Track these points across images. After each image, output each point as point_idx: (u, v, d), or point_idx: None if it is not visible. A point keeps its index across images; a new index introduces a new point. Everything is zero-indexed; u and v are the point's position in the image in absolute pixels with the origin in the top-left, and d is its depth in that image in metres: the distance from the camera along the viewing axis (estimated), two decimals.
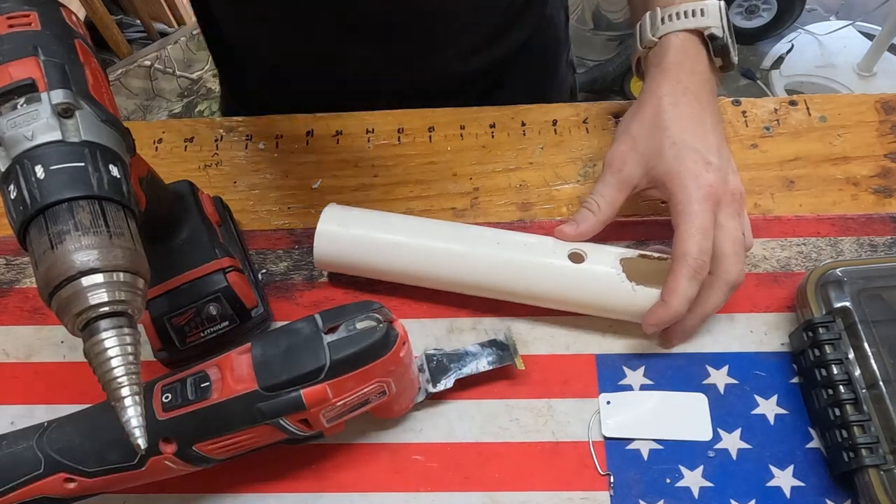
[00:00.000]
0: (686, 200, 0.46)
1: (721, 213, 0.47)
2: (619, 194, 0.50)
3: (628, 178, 0.50)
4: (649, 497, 0.45)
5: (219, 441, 0.40)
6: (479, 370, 0.48)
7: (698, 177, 0.46)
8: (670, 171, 0.47)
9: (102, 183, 0.33)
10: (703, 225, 0.46)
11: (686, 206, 0.46)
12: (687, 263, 0.45)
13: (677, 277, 0.45)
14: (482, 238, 0.50)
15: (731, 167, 0.49)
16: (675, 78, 0.50)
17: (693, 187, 0.46)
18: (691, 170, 0.47)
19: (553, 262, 0.48)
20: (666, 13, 0.52)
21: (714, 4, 0.50)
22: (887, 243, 0.54)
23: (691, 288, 0.45)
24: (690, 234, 0.45)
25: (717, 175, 0.47)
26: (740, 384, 0.49)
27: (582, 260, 0.48)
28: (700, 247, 0.45)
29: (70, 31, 0.37)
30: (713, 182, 0.47)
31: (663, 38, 0.52)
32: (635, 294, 0.47)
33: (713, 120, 0.49)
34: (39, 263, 0.31)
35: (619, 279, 0.47)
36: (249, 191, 0.60)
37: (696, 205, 0.46)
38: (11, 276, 0.57)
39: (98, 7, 1.41)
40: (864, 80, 1.72)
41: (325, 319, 0.41)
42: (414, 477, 0.47)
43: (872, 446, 0.42)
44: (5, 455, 0.40)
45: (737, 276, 0.46)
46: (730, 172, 0.48)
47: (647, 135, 0.49)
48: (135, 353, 0.31)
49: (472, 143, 0.61)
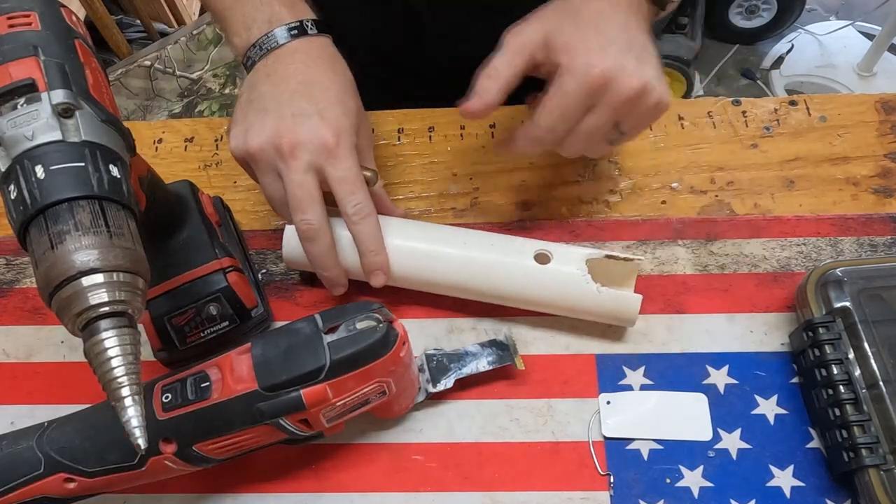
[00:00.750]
0: (567, 74, 0.44)
1: (599, 104, 0.44)
2: (516, 57, 0.46)
3: (527, 42, 0.46)
4: (649, 497, 0.45)
5: (219, 441, 0.40)
6: (479, 370, 0.48)
7: (590, 54, 0.44)
8: (566, 42, 0.45)
9: (102, 183, 0.33)
10: (566, 107, 0.44)
11: (563, 80, 0.44)
12: (532, 130, 0.46)
13: (521, 131, 0.47)
14: (450, 237, 0.50)
15: (642, 59, 0.45)
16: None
17: (580, 62, 0.44)
18: (586, 45, 0.44)
19: (519, 262, 0.48)
20: None
21: None
22: (887, 243, 0.54)
23: (529, 147, 0.47)
24: (551, 109, 0.45)
25: (612, 62, 0.44)
26: (740, 384, 0.49)
27: (548, 260, 0.48)
28: (552, 125, 0.45)
29: (70, 31, 0.37)
30: (604, 67, 0.43)
31: None
32: (600, 295, 0.47)
33: (627, 20, 0.46)
34: (39, 263, 0.31)
35: (585, 280, 0.47)
36: (249, 191, 0.60)
37: (572, 84, 0.44)
38: (11, 276, 0.57)
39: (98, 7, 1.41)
40: (864, 80, 1.72)
41: (325, 319, 0.41)
42: (414, 477, 0.47)
43: (872, 446, 0.42)
44: (5, 455, 0.40)
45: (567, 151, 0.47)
46: (632, 62, 0.44)
47: (551, 12, 0.47)
48: (135, 353, 0.31)
49: (472, 143, 0.61)
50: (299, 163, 0.45)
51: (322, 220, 0.47)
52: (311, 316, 0.42)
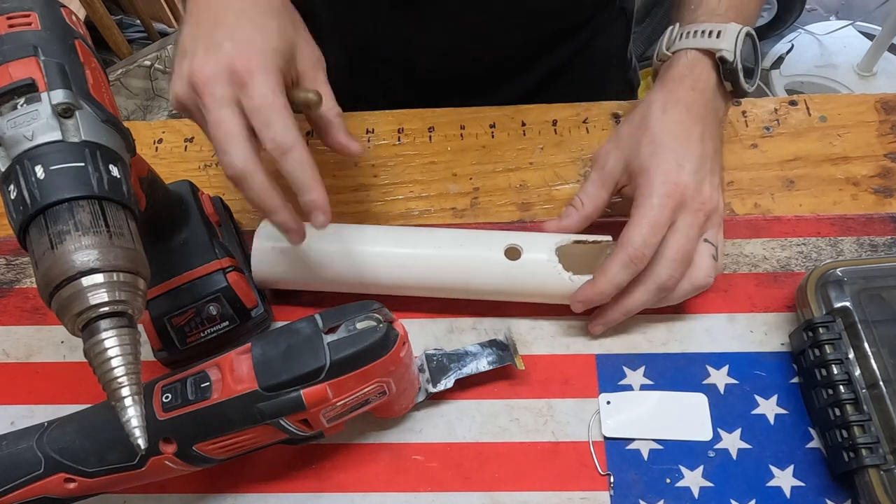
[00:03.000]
0: (647, 193, 0.46)
1: (681, 217, 0.46)
2: (601, 191, 0.50)
3: (610, 174, 0.50)
4: (649, 497, 0.45)
5: (219, 441, 0.40)
6: (479, 370, 0.48)
7: (667, 174, 0.47)
8: (643, 165, 0.48)
9: (102, 183, 0.33)
10: (654, 219, 0.46)
11: (645, 198, 0.46)
12: (625, 251, 0.45)
13: (612, 261, 0.46)
14: (420, 240, 0.50)
15: (713, 181, 0.48)
16: (671, 89, 0.51)
17: (658, 182, 0.46)
18: (661, 167, 0.47)
19: (490, 256, 0.49)
20: (684, 30, 0.52)
21: (733, 29, 0.50)
22: (887, 243, 0.54)
23: (622, 275, 0.46)
24: (639, 224, 0.46)
25: (689, 178, 0.47)
26: (740, 384, 0.49)
27: (518, 255, 0.49)
28: (644, 239, 0.45)
29: (70, 31, 0.37)
30: (680, 183, 0.46)
31: (676, 53, 0.52)
32: (573, 283, 0.48)
33: (703, 132, 0.49)
34: (39, 263, 0.31)
35: (557, 270, 0.48)
36: None
37: (654, 199, 0.46)
38: (11, 276, 0.57)
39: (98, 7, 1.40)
40: (864, 80, 1.71)
41: (325, 319, 0.41)
42: (414, 477, 0.47)
43: (872, 446, 0.42)
44: (5, 455, 0.40)
45: (666, 279, 0.46)
46: (706, 183, 0.48)
47: (630, 133, 0.50)
48: (135, 353, 0.31)
49: (472, 143, 0.61)
50: (212, 99, 0.41)
51: (248, 158, 0.41)
52: (311, 316, 0.42)
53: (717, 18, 0.51)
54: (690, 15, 0.53)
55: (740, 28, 0.50)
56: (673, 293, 0.47)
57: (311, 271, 0.50)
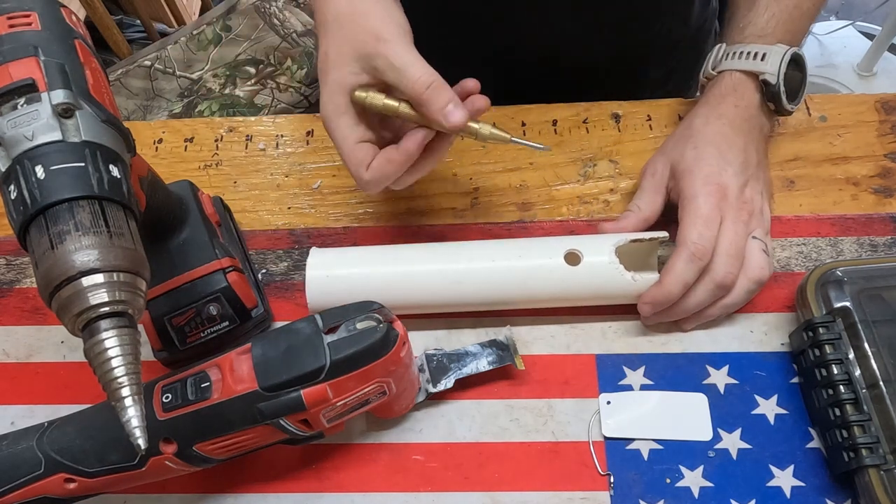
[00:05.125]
0: (691, 194, 0.48)
1: (727, 215, 0.47)
2: (656, 196, 0.52)
3: (661, 179, 0.52)
4: (649, 497, 0.45)
5: (219, 441, 0.40)
6: (480, 370, 0.48)
7: (709, 175, 0.48)
8: (687, 167, 0.49)
9: (102, 183, 0.33)
10: (704, 215, 0.47)
11: (690, 199, 0.48)
12: (685, 247, 0.46)
13: (674, 258, 0.47)
14: (475, 252, 0.50)
15: (755, 186, 0.50)
16: (713, 105, 0.52)
17: (700, 183, 0.48)
18: (703, 169, 0.48)
19: (550, 264, 0.48)
20: (731, 50, 0.53)
21: (778, 51, 0.50)
22: (887, 243, 0.54)
23: (688, 272, 0.46)
24: (692, 222, 0.47)
25: (730, 180, 0.48)
26: (740, 384, 0.49)
27: (578, 260, 0.48)
28: (700, 233, 0.46)
29: (70, 31, 0.37)
30: (722, 183, 0.48)
31: (721, 73, 0.53)
32: (637, 283, 0.48)
33: (746, 144, 0.50)
34: (40, 263, 0.31)
35: (619, 272, 0.48)
36: (249, 191, 0.60)
37: (700, 198, 0.47)
38: (11, 276, 0.57)
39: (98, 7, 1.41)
40: (864, 80, 1.71)
41: (325, 319, 0.41)
42: (414, 477, 0.47)
43: (872, 446, 0.42)
44: (5, 455, 0.40)
45: (723, 275, 0.47)
46: (748, 186, 0.49)
47: (674, 143, 0.52)
48: (135, 353, 0.31)
49: (472, 143, 0.61)
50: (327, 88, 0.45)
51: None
52: (311, 316, 0.42)
53: (763, 40, 0.52)
54: (738, 35, 0.53)
55: (785, 50, 0.51)
56: (734, 291, 0.48)
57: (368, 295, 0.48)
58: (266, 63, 1.29)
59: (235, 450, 0.41)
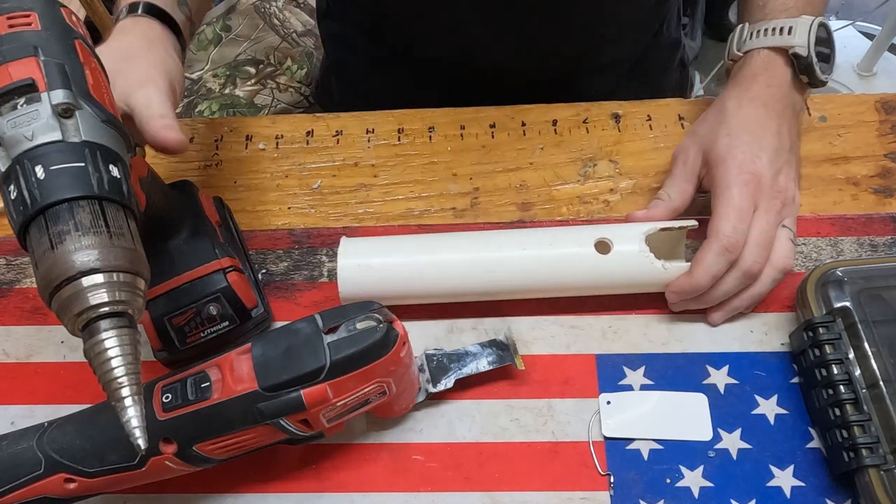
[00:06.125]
0: (725, 184, 0.47)
1: (760, 204, 0.47)
2: (686, 185, 0.51)
3: (692, 168, 0.51)
4: (649, 497, 0.45)
5: (219, 441, 0.40)
6: (480, 370, 0.48)
7: (743, 164, 0.47)
8: (720, 156, 0.48)
9: (102, 183, 0.33)
10: (738, 206, 0.46)
11: (724, 188, 0.47)
12: (717, 239, 0.46)
13: (705, 250, 0.46)
14: (506, 240, 0.50)
15: (788, 173, 0.49)
16: (745, 87, 0.51)
17: (735, 172, 0.47)
18: (737, 157, 0.48)
19: (581, 252, 0.48)
20: (755, 28, 0.52)
21: (805, 22, 0.50)
22: (887, 243, 0.54)
23: (718, 264, 0.46)
24: (726, 213, 0.46)
25: (765, 168, 0.47)
26: (740, 384, 0.49)
27: (608, 249, 0.49)
28: (734, 226, 0.46)
29: (70, 31, 0.37)
30: (756, 172, 0.47)
31: (747, 53, 0.52)
32: (667, 271, 0.48)
33: (779, 126, 0.50)
34: (39, 263, 0.31)
35: (649, 260, 0.48)
36: (249, 191, 0.60)
37: (734, 188, 0.47)
38: (11, 276, 0.57)
39: (98, 7, 1.40)
40: (864, 80, 1.71)
41: (326, 319, 0.41)
42: (414, 477, 0.47)
43: (873, 446, 0.42)
44: (5, 455, 0.40)
45: (751, 264, 0.46)
46: (782, 174, 0.48)
47: (707, 129, 0.51)
48: (135, 353, 0.31)
49: (472, 143, 0.61)
50: None
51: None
52: (312, 316, 0.42)
53: (787, 13, 0.51)
54: (759, 12, 0.52)
55: (812, 20, 0.50)
56: (760, 280, 0.48)
57: (400, 284, 0.49)
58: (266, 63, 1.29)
59: (235, 450, 0.41)
